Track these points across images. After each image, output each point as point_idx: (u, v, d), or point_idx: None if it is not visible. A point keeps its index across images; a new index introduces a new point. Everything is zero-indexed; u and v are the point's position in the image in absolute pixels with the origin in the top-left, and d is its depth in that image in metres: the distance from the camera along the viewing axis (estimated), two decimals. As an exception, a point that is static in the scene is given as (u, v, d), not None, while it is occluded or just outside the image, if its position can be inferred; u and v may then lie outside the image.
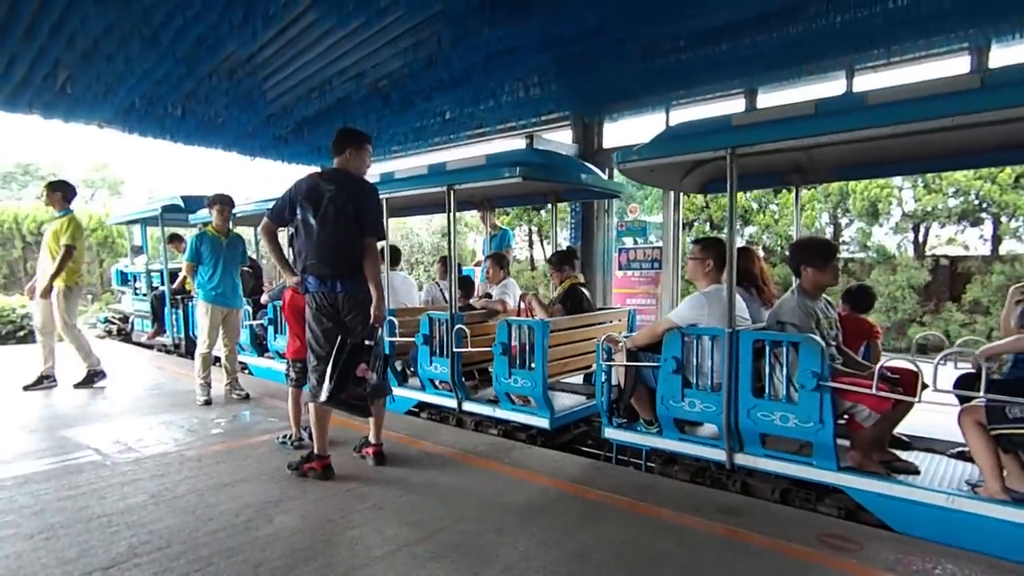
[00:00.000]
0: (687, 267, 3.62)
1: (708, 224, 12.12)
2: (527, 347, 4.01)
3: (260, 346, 6.59)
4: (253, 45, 5.55)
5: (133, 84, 6.26)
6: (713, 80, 6.11)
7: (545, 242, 15.42)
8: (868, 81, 5.46)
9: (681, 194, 5.52)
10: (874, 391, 2.74)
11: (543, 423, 4.06)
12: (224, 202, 5.03)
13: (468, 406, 4.51)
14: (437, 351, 4.55)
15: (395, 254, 5.76)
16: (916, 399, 2.75)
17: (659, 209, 7.64)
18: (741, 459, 3.16)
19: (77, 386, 5.44)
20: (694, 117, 4.04)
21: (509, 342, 4.08)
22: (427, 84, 6.43)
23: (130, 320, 9.80)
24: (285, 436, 3.76)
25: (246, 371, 6.69)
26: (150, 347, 8.70)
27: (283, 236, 3.70)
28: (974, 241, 10.26)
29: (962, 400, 2.74)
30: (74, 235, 5.27)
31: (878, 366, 2.89)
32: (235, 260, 5.09)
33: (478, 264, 7.75)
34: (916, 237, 10.50)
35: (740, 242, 12.05)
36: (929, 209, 9.89)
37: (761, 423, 3.02)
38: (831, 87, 5.82)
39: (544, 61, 5.86)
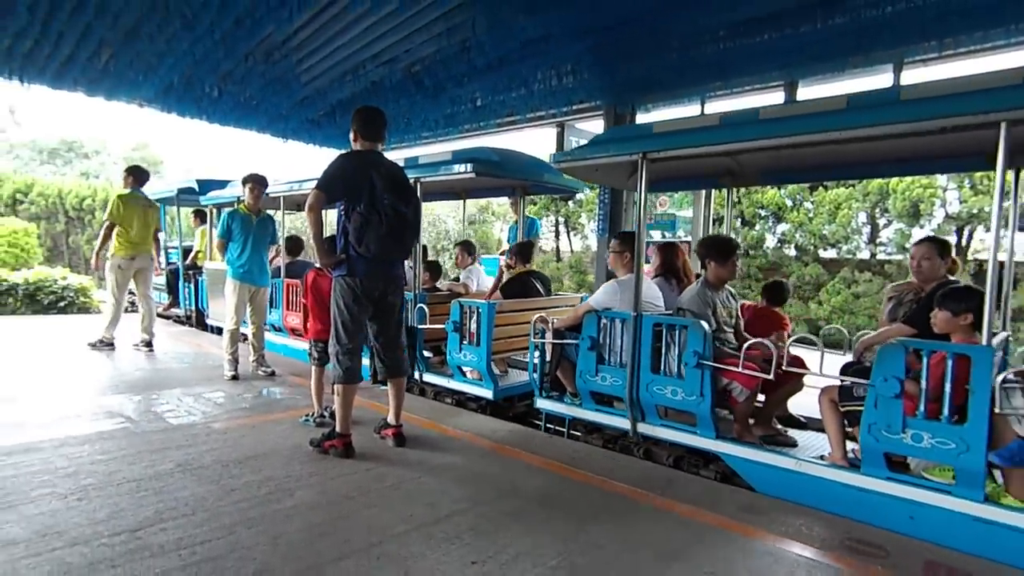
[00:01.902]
0: (609, 259, 4.09)
1: (739, 220, 11.86)
2: (476, 326, 4.45)
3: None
4: (289, 27, 5.60)
5: (172, 64, 6.39)
6: (752, 72, 5.92)
7: (573, 233, 15.32)
8: (918, 75, 5.23)
9: (713, 189, 5.44)
10: (740, 369, 3.19)
11: (488, 394, 4.56)
12: (257, 181, 5.12)
13: (428, 377, 5.03)
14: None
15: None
16: (770, 376, 3.12)
17: (688, 203, 7.49)
18: (643, 428, 3.62)
19: (90, 345, 6.01)
20: (730, 109, 3.96)
21: (461, 321, 4.53)
22: (460, 70, 6.40)
23: None
24: (308, 414, 3.83)
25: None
26: (166, 318, 9.21)
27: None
28: (1021, 246, 9.82)
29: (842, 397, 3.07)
30: (112, 213, 5.83)
31: (744, 347, 3.24)
32: (264, 239, 5.18)
33: (503, 253, 7.75)
34: (959, 240, 10.09)
35: (771, 240, 11.79)
36: (975, 211, 9.49)
37: (657, 396, 3.47)
38: (877, 81, 5.59)
39: (579, 50, 5.76)
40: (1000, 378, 2.47)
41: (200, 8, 5.13)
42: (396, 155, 4.23)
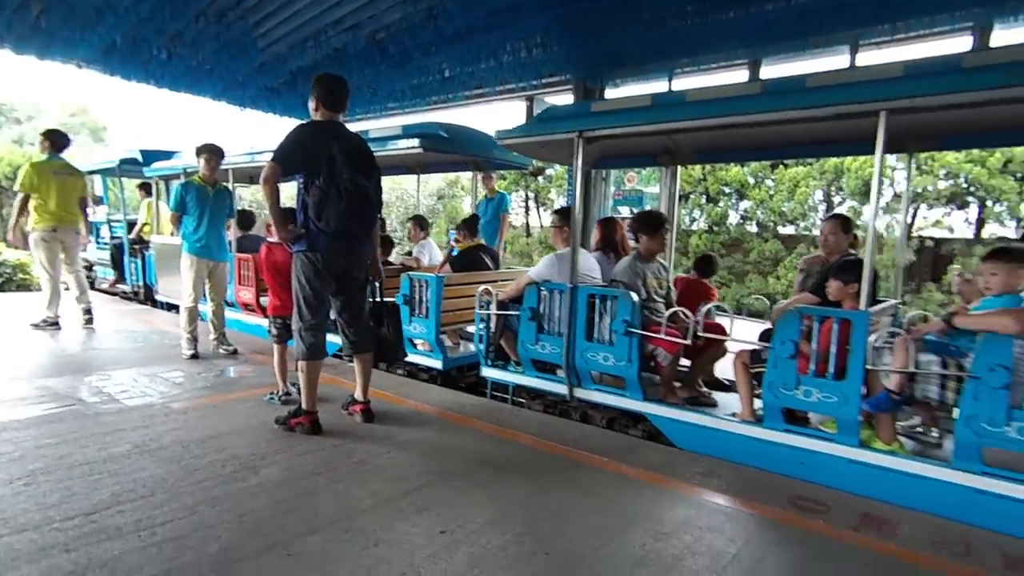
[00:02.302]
0: (550, 233, 4.29)
1: (704, 196, 12.07)
2: (425, 299, 4.56)
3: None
4: (243, -14, 5.31)
5: (114, 22, 5.96)
6: (718, 49, 5.97)
7: (542, 208, 15.31)
8: (872, 57, 5.36)
9: (678, 166, 5.54)
10: (663, 336, 3.45)
11: (437, 364, 4.69)
12: (213, 151, 4.89)
13: None
14: None
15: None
16: (688, 342, 3.41)
17: (656, 180, 7.57)
18: (579, 393, 3.84)
19: (33, 326, 5.67)
20: (697, 86, 4.00)
21: (411, 294, 4.63)
22: (426, 39, 6.21)
23: (93, 268, 10.02)
24: (272, 392, 3.76)
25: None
26: (112, 294, 8.86)
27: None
28: (959, 224, 10.35)
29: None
30: (23, 183, 5.41)
31: (666, 315, 3.53)
32: (222, 212, 4.97)
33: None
34: (905, 217, 10.55)
35: (734, 216, 12.07)
36: (919, 191, 9.92)
37: (591, 362, 3.69)
38: (835, 61, 5.72)
39: (547, 21, 5.66)
40: (873, 338, 2.78)
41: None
42: (357, 127, 4.12)
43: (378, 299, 3.51)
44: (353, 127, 3.43)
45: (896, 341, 2.82)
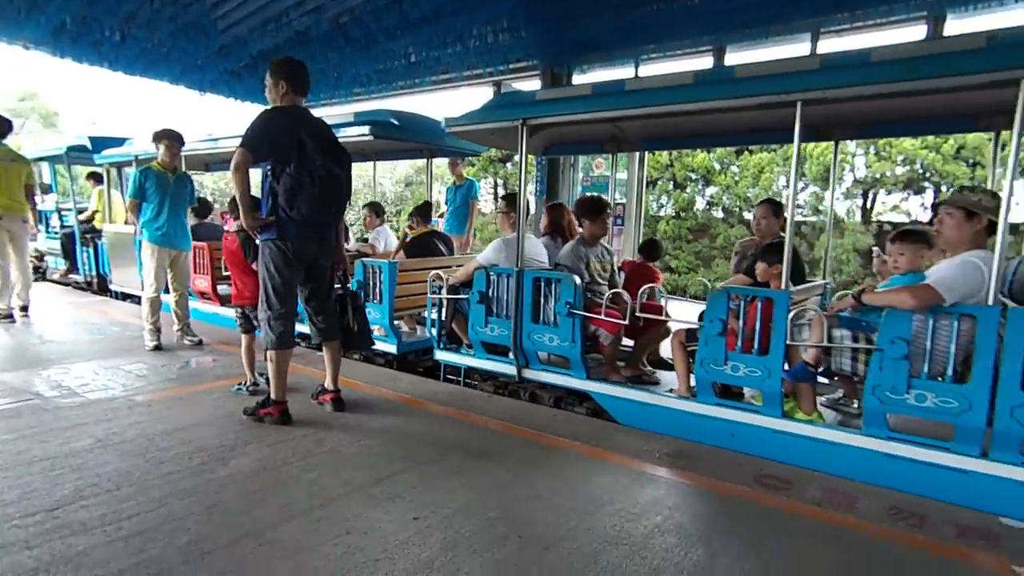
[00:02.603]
0: (499, 220, 4.40)
1: (672, 182, 12.24)
2: (379, 284, 4.63)
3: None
4: (199, -34, 5.13)
5: (62, 2, 5.69)
6: (683, 36, 6.04)
7: (510, 196, 15.28)
8: (832, 45, 5.51)
9: (646, 152, 5.61)
10: (603, 317, 3.61)
11: (392, 349, 4.72)
12: (173, 137, 4.73)
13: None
14: None
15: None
16: (625, 322, 3.56)
17: (624, 166, 7.64)
18: (528, 373, 3.98)
19: None
20: (662, 72, 4.05)
21: (365, 280, 4.70)
22: (391, 23, 6.11)
23: (44, 258, 9.75)
24: (240, 383, 3.70)
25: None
26: (65, 284, 8.66)
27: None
28: (916, 209, 10.78)
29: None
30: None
31: (605, 297, 3.73)
32: (183, 199, 4.83)
33: (441, 216, 7.64)
34: (864, 203, 10.93)
35: (701, 202, 12.29)
36: (878, 176, 10.27)
37: (537, 343, 3.83)
38: (796, 48, 5.85)
39: (514, 5, 5.64)
40: (791, 315, 2.95)
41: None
42: (318, 113, 4.06)
43: (345, 286, 3.49)
44: (316, 113, 3.37)
45: (813, 318, 3.01)
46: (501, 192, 15.41)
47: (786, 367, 3.07)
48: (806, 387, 3.09)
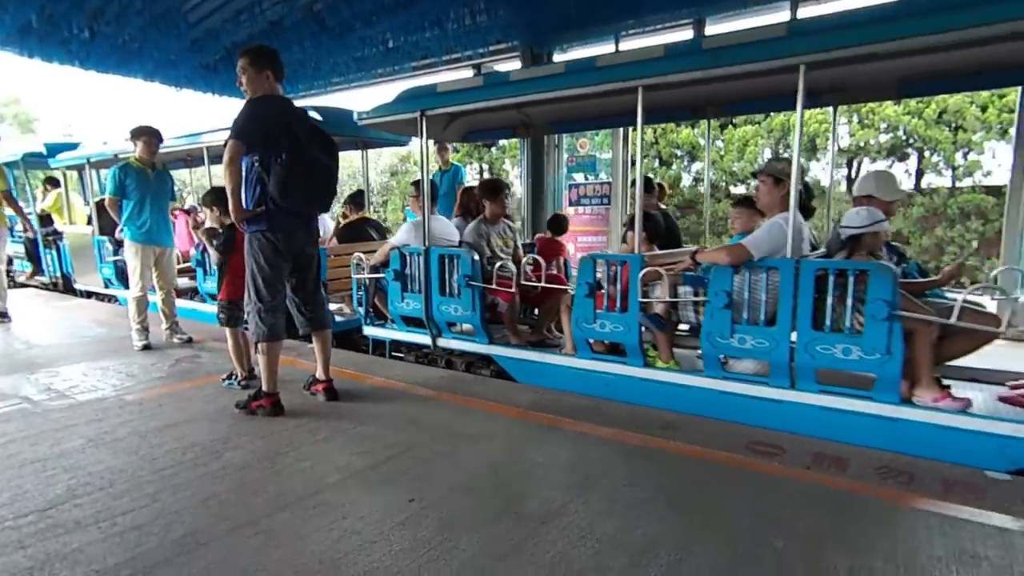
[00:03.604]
0: (408, 203, 4.95)
1: (657, 160, 12.21)
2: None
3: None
4: (165, -44, 5.00)
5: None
6: (662, 9, 5.99)
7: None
8: (812, 11, 5.47)
9: (630, 130, 5.62)
10: (494, 286, 3.96)
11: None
12: (151, 134, 4.65)
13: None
14: None
15: None
16: (513, 291, 3.99)
17: (609, 145, 7.60)
18: (441, 342, 4.35)
19: None
20: (643, 46, 4.04)
21: None
22: (367, 8, 6.02)
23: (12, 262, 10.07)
24: (230, 376, 3.69)
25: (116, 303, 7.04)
26: (31, 286, 8.92)
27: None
28: (900, 175, 10.82)
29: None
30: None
31: (495, 268, 4.02)
32: (164, 195, 4.78)
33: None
34: (849, 172, 10.95)
35: (687, 178, 12.28)
36: (862, 144, 10.28)
37: (445, 314, 4.17)
38: (775, 17, 5.81)
39: (490, -16, 5.57)
40: (641, 274, 3.32)
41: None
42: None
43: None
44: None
45: (663, 278, 3.36)
46: (487, 176, 15.34)
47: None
48: (661, 337, 3.48)
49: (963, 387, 3.15)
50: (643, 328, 3.44)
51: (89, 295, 7.64)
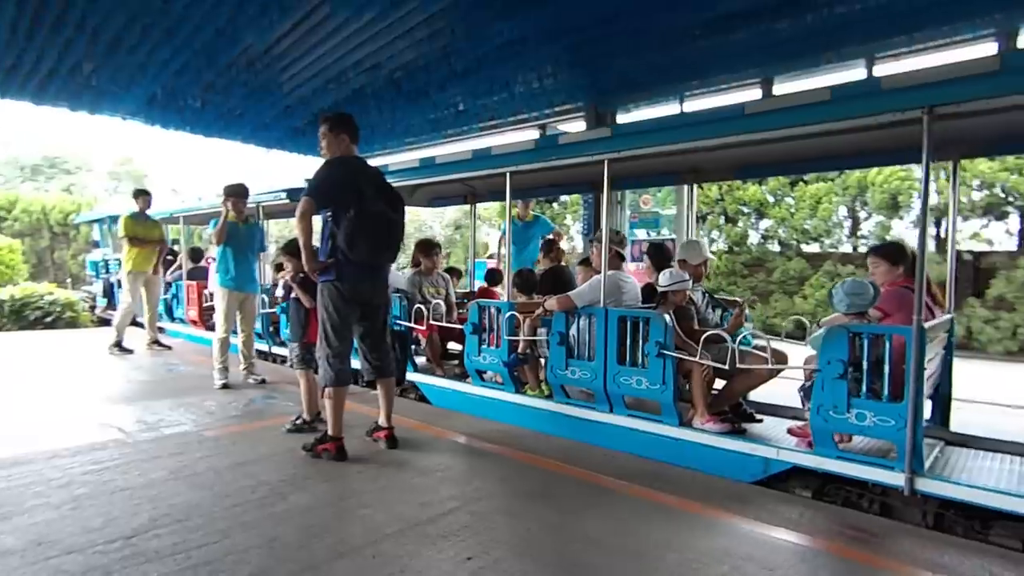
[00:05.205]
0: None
1: (723, 217, 12.00)
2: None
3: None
4: (270, 37, 5.64)
5: (155, 75, 6.39)
6: (728, 69, 6.05)
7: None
8: (890, 68, 5.35)
9: (695, 186, 5.61)
10: (411, 323, 4.84)
11: None
12: (236, 194, 5.07)
13: (276, 350, 6.59)
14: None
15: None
16: (423, 328, 4.84)
17: (672, 202, 7.59)
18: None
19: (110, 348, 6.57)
20: (708, 107, 4.10)
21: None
22: (441, 75, 6.46)
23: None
24: (298, 419, 3.84)
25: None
26: (106, 321, 9.94)
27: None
28: (999, 235, 10.02)
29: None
30: (118, 231, 6.69)
31: (414, 308, 4.87)
32: (252, 246, 5.19)
33: (491, 257, 7.77)
34: (938, 231, 10.27)
35: (755, 236, 11.94)
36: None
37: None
38: (851, 75, 5.72)
39: (556, 51, 5.85)
40: (507, 317, 4.14)
41: (180, 20, 5.16)
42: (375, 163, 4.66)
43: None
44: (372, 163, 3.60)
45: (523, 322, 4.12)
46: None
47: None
48: (524, 370, 4.32)
49: (775, 420, 3.81)
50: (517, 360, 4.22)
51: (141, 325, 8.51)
